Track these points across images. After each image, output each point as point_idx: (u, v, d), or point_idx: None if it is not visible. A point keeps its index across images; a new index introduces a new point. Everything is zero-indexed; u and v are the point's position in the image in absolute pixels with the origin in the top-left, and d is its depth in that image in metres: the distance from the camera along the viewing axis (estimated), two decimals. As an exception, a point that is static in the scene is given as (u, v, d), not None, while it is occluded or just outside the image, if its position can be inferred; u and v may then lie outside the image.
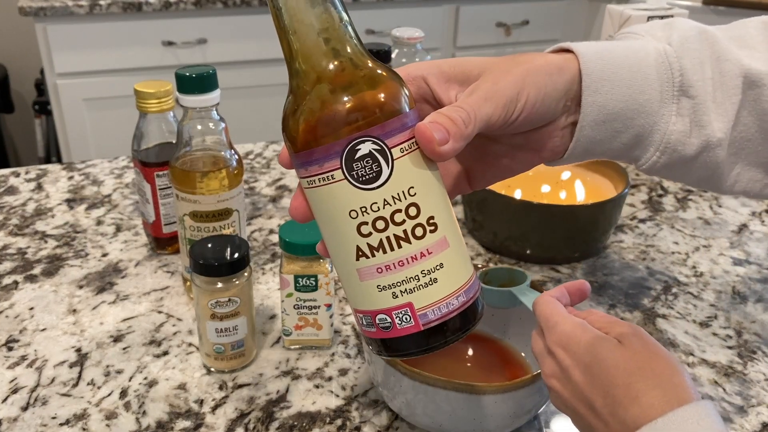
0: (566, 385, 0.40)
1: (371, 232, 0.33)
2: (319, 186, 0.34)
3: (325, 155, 0.33)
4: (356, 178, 0.33)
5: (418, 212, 0.34)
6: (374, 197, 0.33)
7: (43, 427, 0.52)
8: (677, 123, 0.42)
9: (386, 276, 0.34)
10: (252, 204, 0.88)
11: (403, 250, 0.33)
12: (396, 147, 0.33)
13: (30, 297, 0.68)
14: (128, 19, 1.86)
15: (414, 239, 0.33)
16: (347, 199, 0.33)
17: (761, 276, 0.75)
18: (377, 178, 0.33)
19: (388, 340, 0.36)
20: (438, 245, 0.34)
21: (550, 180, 0.81)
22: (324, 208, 0.34)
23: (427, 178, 0.34)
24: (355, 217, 0.33)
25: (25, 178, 0.93)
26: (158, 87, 0.68)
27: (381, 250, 0.33)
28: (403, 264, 0.34)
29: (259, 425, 0.53)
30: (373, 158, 0.33)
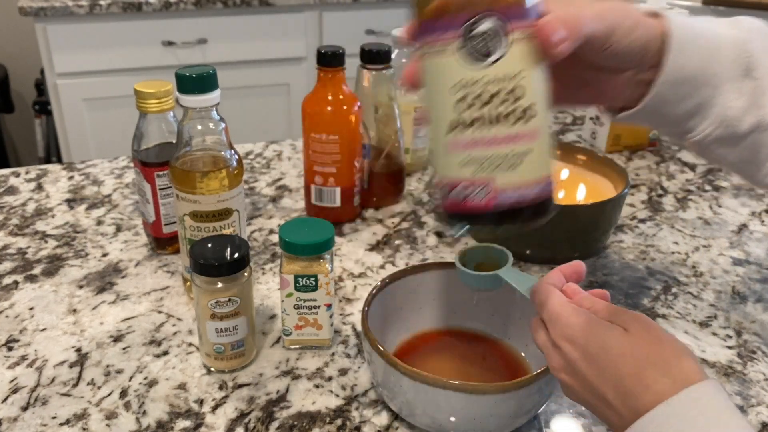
0: (576, 378, 0.41)
1: (470, 106, 0.34)
2: (431, 55, 0.35)
3: (447, 27, 0.34)
4: (470, 52, 0.34)
5: (521, 96, 0.34)
6: (480, 74, 0.34)
7: (43, 426, 0.52)
8: (737, 100, 0.45)
9: (475, 150, 0.35)
10: (252, 204, 0.88)
11: (495, 129, 0.34)
12: (516, 31, 0.34)
13: (30, 297, 0.68)
14: (128, 19, 1.86)
15: (508, 122, 0.34)
16: (454, 72, 0.34)
17: (761, 276, 0.75)
18: (488, 55, 0.34)
19: (456, 212, 0.38)
20: (530, 134, 0.35)
21: (550, 180, 0.81)
22: (431, 77, 0.36)
23: (537, 68, 0.35)
24: (456, 90, 0.34)
25: (25, 178, 0.93)
26: (158, 87, 0.68)
27: (478, 126, 0.34)
28: (492, 143, 0.35)
29: (259, 425, 0.53)
30: (490, 36, 0.34)
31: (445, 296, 0.61)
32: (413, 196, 0.91)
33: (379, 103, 0.83)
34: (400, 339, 0.60)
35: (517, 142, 0.35)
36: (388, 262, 0.76)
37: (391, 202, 0.89)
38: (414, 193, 0.92)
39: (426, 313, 0.61)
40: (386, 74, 0.82)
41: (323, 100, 0.77)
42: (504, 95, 0.34)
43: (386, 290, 0.57)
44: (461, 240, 0.80)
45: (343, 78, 0.77)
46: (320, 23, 2.06)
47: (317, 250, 0.56)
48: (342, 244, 0.79)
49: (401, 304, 0.59)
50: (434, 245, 0.79)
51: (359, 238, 0.80)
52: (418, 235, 0.81)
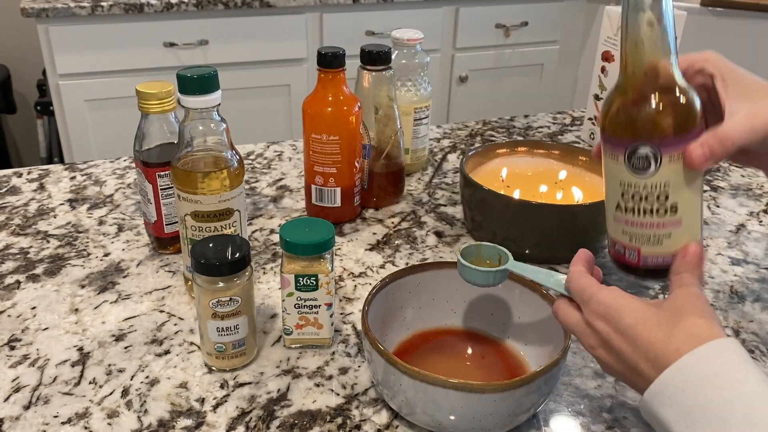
0: (610, 353, 0.45)
1: (629, 199, 0.48)
2: (608, 157, 0.49)
3: (617, 145, 0.47)
4: (631, 166, 0.46)
5: (666, 200, 0.46)
6: (638, 181, 0.47)
7: (45, 425, 0.53)
8: None
9: (629, 227, 0.49)
10: (253, 204, 0.88)
11: (645, 218, 0.48)
12: (666, 156, 0.45)
13: (32, 296, 0.68)
14: (130, 20, 1.86)
15: (655, 214, 0.47)
16: (620, 174, 0.48)
17: (759, 276, 0.75)
18: (646, 170, 0.46)
19: (622, 264, 0.52)
20: (673, 223, 0.47)
21: (549, 180, 0.82)
22: (607, 171, 0.49)
23: (683, 178, 0.46)
24: (622, 186, 0.48)
25: (27, 178, 0.94)
26: (160, 88, 0.69)
27: (631, 213, 0.48)
28: (643, 225, 0.48)
29: (260, 424, 0.53)
30: (646, 158, 0.46)
31: (445, 296, 0.61)
32: (413, 196, 0.92)
33: (379, 104, 0.84)
34: (400, 338, 0.60)
35: (661, 228, 0.47)
36: (388, 261, 0.76)
37: (391, 202, 0.89)
38: (414, 193, 0.92)
39: (426, 312, 0.61)
40: (386, 75, 0.83)
41: (324, 100, 0.77)
42: (654, 197, 0.47)
43: (386, 290, 0.58)
44: (460, 240, 0.81)
45: (344, 79, 0.78)
46: (321, 24, 2.06)
47: (318, 249, 0.57)
48: (342, 243, 0.79)
49: (401, 304, 0.60)
50: (434, 245, 0.79)
51: (359, 237, 0.81)
52: (417, 235, 0.81)
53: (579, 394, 0.57)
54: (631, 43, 0.46)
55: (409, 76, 0.92)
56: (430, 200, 0.91)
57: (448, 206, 0.89)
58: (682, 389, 0.39)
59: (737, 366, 0.39)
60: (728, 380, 0.38)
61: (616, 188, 0.48)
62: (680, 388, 0.39)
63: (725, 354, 0.40)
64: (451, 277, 0.60)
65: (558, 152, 0.85)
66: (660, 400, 0.40)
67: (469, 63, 2.30)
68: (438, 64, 2.25)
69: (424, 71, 0.93)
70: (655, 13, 0.45)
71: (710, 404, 0.38)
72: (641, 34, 0.46)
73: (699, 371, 0.39)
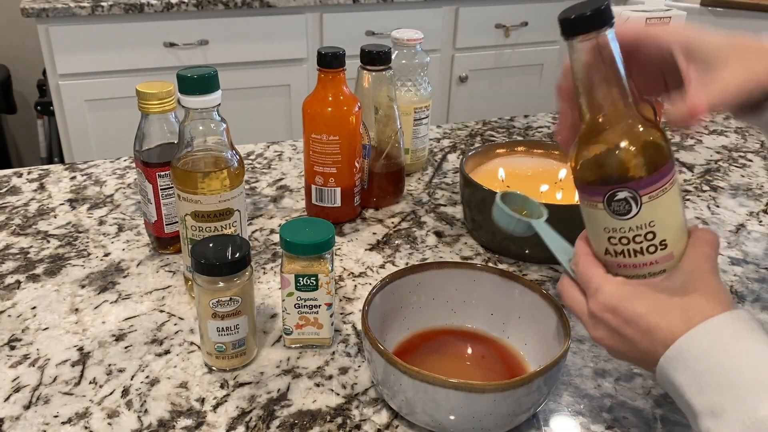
0: (622, 341, 0.45)
1: (617, 243, 0.46)
2: (586, 206, 0.47)
3: (593, 193, 0.46)
4: (612, 211, 0.45)
5: (654, 237, 0.45)
6: (622, 224, 0.45)
7: (45, 425, 0.53)
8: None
9: (622, 270, 0.47)
10: (253, 204, 0.88)
11: (637, 259, 0.46)
12: (646, 195, 0.44)
13: (32, 296, 0.68)
14: (130, 20, 1.86)
15: (647, 253, 0.46)
16: (604, 221, 0.46)
17: (759, 276, 0.75)
18: (627, 213, 0.45)
19: None
20: (664, 258, 0.46)
21: (548, 180, 0.82)
22: (588, 219, 0.48)
23: (667, 213, 0.45)
24: (607, 232, 0.46)
25: (27, 178, 0.94)
26: (160, 88, 0.69)
27: (621, 255, 0.46)
28: (636, 266, 0.46)
29: (260, 423, 0.53)
30: (626, 201, 0.45)
31: (445, 295, 0.61)
32: (413, 196, 0.92)
33: (379, 104, 0.84)
34: (400, 338, 0.60)
35: (654, 266, 0.46)
36: (388, 261, 0.76)
37: (391, 202, 0.89)
38: (414, 193, 0.92)
39: (426, 312, 0.61)
40: (386, 75, 0.83)
41: (324, 101, 0.77)
42: (642, 236, 0.45)
43: (386, 290, 0.58)
44: (460, 240, 0.81)
45: (344, 79, 0.78)
46: (321, 24, 2.06)
47: (318, 249, 0.57)
48: (342, 243, 0.79)
49: (401, 304, 0.60)
50: (434, 245, 0.79)
51: (359, 237, 0.81)
52: (417, 235, 0.81)
53: (579, 394, 0.57)
54: (585, 92, 0.45)
55: (409, 76, 0.92)
56: (430, 200, 0.91)
57: (448, 206, 0.89)
58: (695, 355, 0.41)
59: (747, 335, 0.41)
60: (738, 347, 0.40)
61: (602, 234, 0.47)
62: (693, 354, 0.41)
63: (736, 323, 0.41)
64: (451, 277, 0.60)
65: (557, 152, 0.85)
66: (674, 365, 0.42)
67: (469, 63, 2.30)
68: (438, 64, 2.25)
69: (424, 71, 0.93)
70: (603, 57, 0.44)
71: (720, 369, 0.40)
72: (594, 81, 0.45)
73: (711, 339, 0.41)
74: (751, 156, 1.08)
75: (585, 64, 0.45)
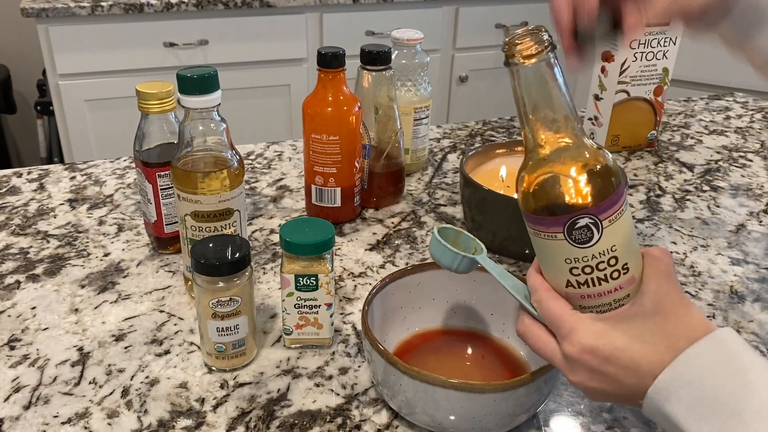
0: (604, 381, 0.42)
1: (580, 273, 0.44)
2: (543, 238, 0.45)
3: (551, 224, 0.44)
4: (574, 240, 0.43)
5: (617, 262, 0.44)
6: (585, 253, 0.44)
7: (45, 425, 0.53)
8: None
9: (587, 300, 0.45)
10: (253, 204, 0.88)
11: (602, 287, 0.44)
12: (606, 219, 0.43)
13: (32, 296, 0.68)
14: (130, 20, 1.86)
15: (611, 280, 0.44)
16: (565, 251, 0.44)
17: (759, 276, 0.75)
18: (589, 240, 0.43)
19: None
20: (628, 282, 0.44)
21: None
22: (546, 252, 0.45)
23: (625, 236, 0.44)
24: (569, 263, 0.44)
25: (27, 178, 0.94)
26: (160, 88, 0.69)
27: (585, 285, 0.44)
28: (601, 295, 0.44)
29: (260, 424, 0.53)
30: (588, 228, 0.43)
31: (445, 296, 0.61)
32: (413, 196, 0.92)
33: (379, 104, 0.84)
34: (400, 338, 0.60)
35: (619, 291, 0.44)
36: (388, 261, 0.76)
37: (391, 202, 0.89)
38: (414, 193, 0.92)
39: (426, 312, 0.61)
40: (386, 75, 0.83)
41: (324, 101, 0.77)
42: (605, 263, 0.44)
43: (386, 290, 0.58)
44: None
45: (344, 79, 0.78)
46: (321, 24, 2.06)
47: (318, 249, 0.57)
48: (342, 243, 0.79)
49: (401, 304, 0.60)
50: (434, 245, 0.79)
51: (359, 237, 0.81)
52: (417, 235, 0.81)
53: (579, 394, 0.57)
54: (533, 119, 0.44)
55: (409, 76, 0.92)
56: (430, 200, 0.91)
57: (448, 206, 0.89)
58: (688, 382, 0.39)
59: (740, 355, 0.39)
60: (733, 369, 0.38)
61: (563, 266, 0.44)
62: (686, 380, 0.39)
63: (726, 344, 0.39)
64: (451, 277, 0.60)
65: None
66: (665, 395, 0.39)
67: (469, 63, 2.30)
68: (438, 64, 2.25)
69: (424, 71, 0.93)
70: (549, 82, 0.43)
71: (718, 394, 0.38)
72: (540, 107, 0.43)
73: (703, 363, 0.39)
74: (752, 156, 1.08)
75: (530, 89, 0.44)
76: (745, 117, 1.27)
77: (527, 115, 0.44)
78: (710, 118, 1.26)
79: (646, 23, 0.51)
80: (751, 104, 1.34)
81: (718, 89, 2.04)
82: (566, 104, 0.44)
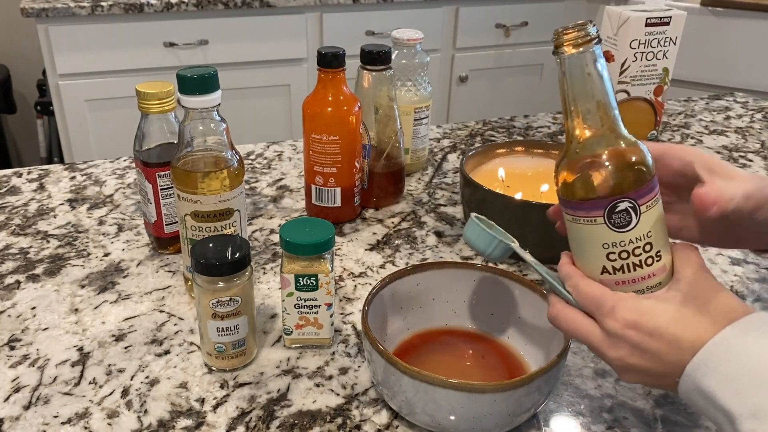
0: (645, 357, 0.43)
1: (616, 258, 0.46)
2: (582, 224, 0.47)
3: (593, 207, 0.46)
4: (613, 224, 0.46)
5: (651, 248, 0.46)
6: (623, 237, 0.46)
7: (45, 425, 0.53)
8: None
9: (620, 287, 0.47)
10: (253, 204, 0.88)
11: (636, 273, 0.46)
12: (644, 204, 0.45)
13: (32, 296, 0.68)
14: (130, 20, 1.86)
15: (645, 266, 0.46)
16: (603, 236, 0.46)
17: (759, 276, 0.75)
18: (628, 225, 0.45)
19: None
20: (660, 269, 0.46)
21: (549, 180, 0.82)
22: (583, 237, 0.47)
23: (660, 223, 0.46)
24: (607, 248, 0.46)
25: (27, 178, 0.94)
26: (160, 88, 0.69)
27: (621, 271, 0.46)
28: (635, 281, 0.47)
29: (260, 424, 0.53)
30: (627, 212, 0.45)
31: (445, 296, 0.61)
32: (413, 196, 0.92)
33: (379, 104, 0.84)
34: (400, 338, 0.60)
35: (652, 278, 0.46)
36: (388, 261, 0.76)
37: (391, 202, 0.89)
38: (414, 193, 0.92)
39: (426, 312, 0.61)
40: (386, 75, 0.83)
41: (324, 101, 0.77)
42: (641, 248, 0.46)
43: (386, 290, 0.58)
44: (460, 240, 0.81)
45: (344, 79, 0.78)
46: (321, 24, 2.06)
47: (318, 249, 0.57)
48: (342, 243, 0.79)
49: (401, 304, 0.60)
50: (434, 245, 0.79)
51: (359, 237, 0.81)
52: (417, 235, 0.81)
53: (579, 394, 0.57)
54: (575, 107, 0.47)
55: (409, 76, 0.92)
56: (430, 200, 0.91)
57: (448, 206, 0.89)
58: (726, 358, 0.40)
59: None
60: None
61: (600, 252, 0.47)
62: (724, 357, 0.40)
63: (763, 326, 0.41)
64: (451, 277, 0.60)
65: (557, 152, 0.85)
66: (703, 371, 0.40)
67: (469, 63, 2.30)
68: (438, 64, 2.25)
69: (424, 71, 0.93)
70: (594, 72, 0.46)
71: (756, 369, 0.39)
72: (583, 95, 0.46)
73: (741, 341, 0.40)
74: (752, 156, 1.08)
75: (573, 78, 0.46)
76: (745, 117, 1.27)
77: (572, 103, 0.47)
78: (710, 118, 1.26)
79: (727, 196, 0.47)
80: (751, 104, 1.34)
81: (718, 89, 2.04)
82: (608, 95, 0.46)
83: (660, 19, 0.99)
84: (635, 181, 0.45)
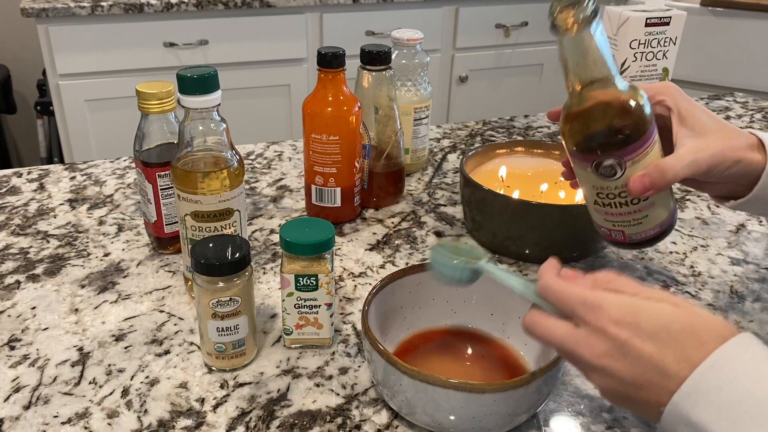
0: (624, 359, 0.40)
1: (604, 197, 0.56)
2: (577, 166, 0.57)
3: (581, 159, 0.55)
4: (600, 174, 0.54)
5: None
6: (609, 184, 0.55)
7: (45, 425, 0.53)
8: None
9: (610, 217, 0.58)
10: (253, 204, 0.88)
11: (623, 209, 0.56)
12: (629, 160, 0.52)
13: (32, 296, 0.68)
14: (130, 20, 1.86)
15: (631, 204, 0.55)
16: (592, 180, 0.56)
17: (759, 276, 0.75)
18: (613, 176, 0.54)
19: (611, 241, 0.61)
20: (647, 206, 0.55)
21: (548, 180, 0.82)
22: (579, 175, 0.57)
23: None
24: (596, 189, 0.56)
25: (27, 178, 0.94)
26: (160, 88, 0.69)
27: (609, 206, 0.56)
28: (621, 214, 0.56)
29: (260, 424, 0.53)
30: (612, 167, 0.53)
31: (445, 296, 0.61)
32: (413, 196, 0.92)
33: (379, 104, 0.84)
34: (400, 338, 0.60)
35: (637, 213, 0.56)
36: (388, 261, 0.76)
37: (391, 202, 0.89)
38: (414, 193, 0.92)
39: (426, 312, 0.61)
40: (386, 75, 0.83)
41: (324, 101, 0.77)
42: (626, 192, 0.54)
43: (386, 290, 0.58)
44: (460, 240, 0.81)
45: (344, 79, 0.78)
46: (321, 24, 2.06)
47: (318, 249, 0.57)
48: (342, 243, 0.79)
49: (401, 304, 0.60)
50: (434, 245, 0.79)
51: (359, 237, 0.81)
52: (417, 235, 0.81)
53: (579, 394, 0.57)
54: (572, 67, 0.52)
55: (409, 76, 0.92)
56: (430, 200, 0.91)
57: (448, 206, 0.89)
58: (718, 386, 0.37)
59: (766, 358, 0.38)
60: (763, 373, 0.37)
61: (591, 190, 0.56)
62: (716, 385, 0.37)
63: (752, 348, 0.38)
64: (451, 277, 0.60)
65: (558, 152, 0.85)
66: (693, 401, 0.37)
67: (469, 63, 2.30)
68: (438, 64, 2.25)
69: (424, 71, 0.93)
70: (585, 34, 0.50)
71: (752, 399, 0.36)
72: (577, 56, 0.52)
73: (733, 367, 0.37)
74: (751, 156, 1.08)
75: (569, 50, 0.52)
76: (745, 117, 1.27)
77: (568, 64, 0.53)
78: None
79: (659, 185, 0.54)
80: (751, 104, 1.34)
81: (718, 89, 2.04)
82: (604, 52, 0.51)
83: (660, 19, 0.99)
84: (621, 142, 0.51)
